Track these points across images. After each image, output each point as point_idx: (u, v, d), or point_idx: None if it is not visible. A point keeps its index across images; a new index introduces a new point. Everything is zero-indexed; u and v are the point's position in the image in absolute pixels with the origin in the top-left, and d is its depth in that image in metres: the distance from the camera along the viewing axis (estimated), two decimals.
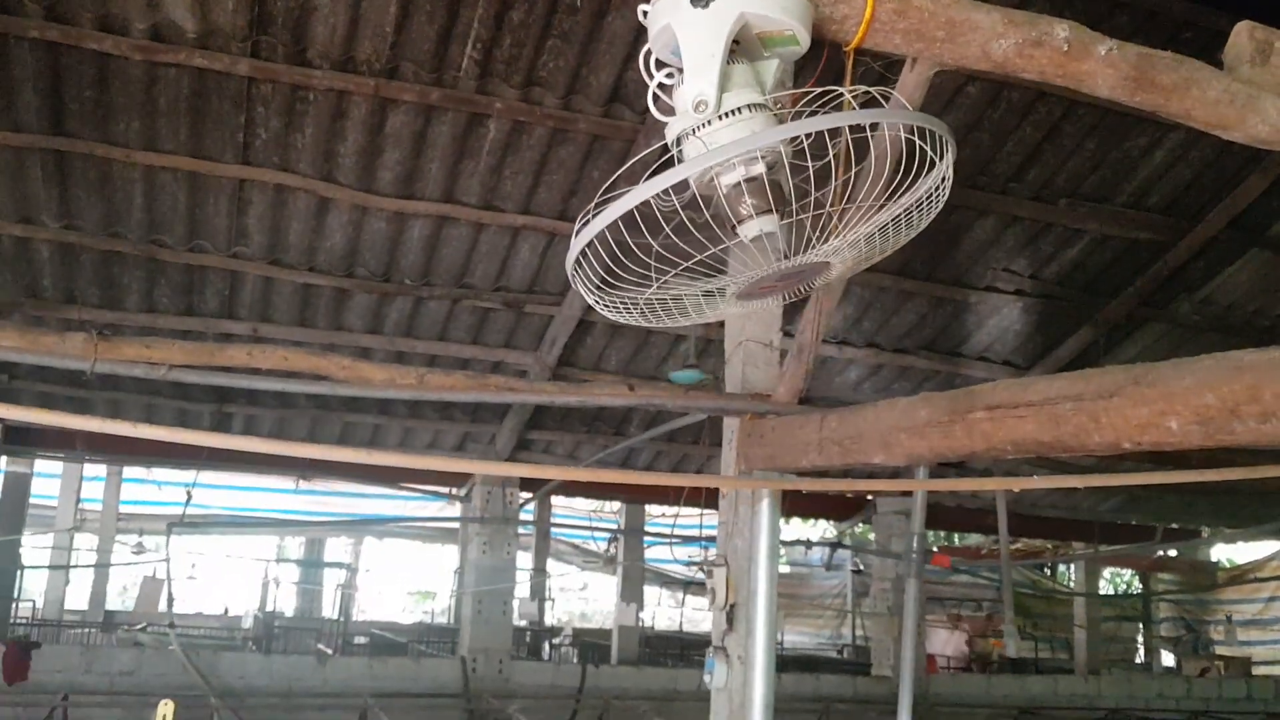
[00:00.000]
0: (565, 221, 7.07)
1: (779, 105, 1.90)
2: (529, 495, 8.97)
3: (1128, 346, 8.60)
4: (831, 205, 1.84)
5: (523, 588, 10.45)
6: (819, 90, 1.89)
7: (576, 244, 1.78)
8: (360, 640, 12.03)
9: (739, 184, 1.84)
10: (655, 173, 1.76)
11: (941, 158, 1.90)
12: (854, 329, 8.32)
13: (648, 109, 6.20)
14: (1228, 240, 7.67)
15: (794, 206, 1.84)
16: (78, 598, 13.89)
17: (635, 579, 10.33)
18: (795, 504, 10.33)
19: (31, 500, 11.57)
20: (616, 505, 11.14)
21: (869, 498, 10.14)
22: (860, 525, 11.82)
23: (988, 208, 7.30)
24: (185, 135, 6.34)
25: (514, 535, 8.79)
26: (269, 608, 11.12)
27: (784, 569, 15.85)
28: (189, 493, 8.00)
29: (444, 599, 16.85)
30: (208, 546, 14.95)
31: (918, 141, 1.89)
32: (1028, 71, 2.08)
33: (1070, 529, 11.76)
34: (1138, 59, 2.12)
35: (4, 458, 9.03)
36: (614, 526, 11.38)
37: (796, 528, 18.57)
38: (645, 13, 1.88)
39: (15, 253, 6.99)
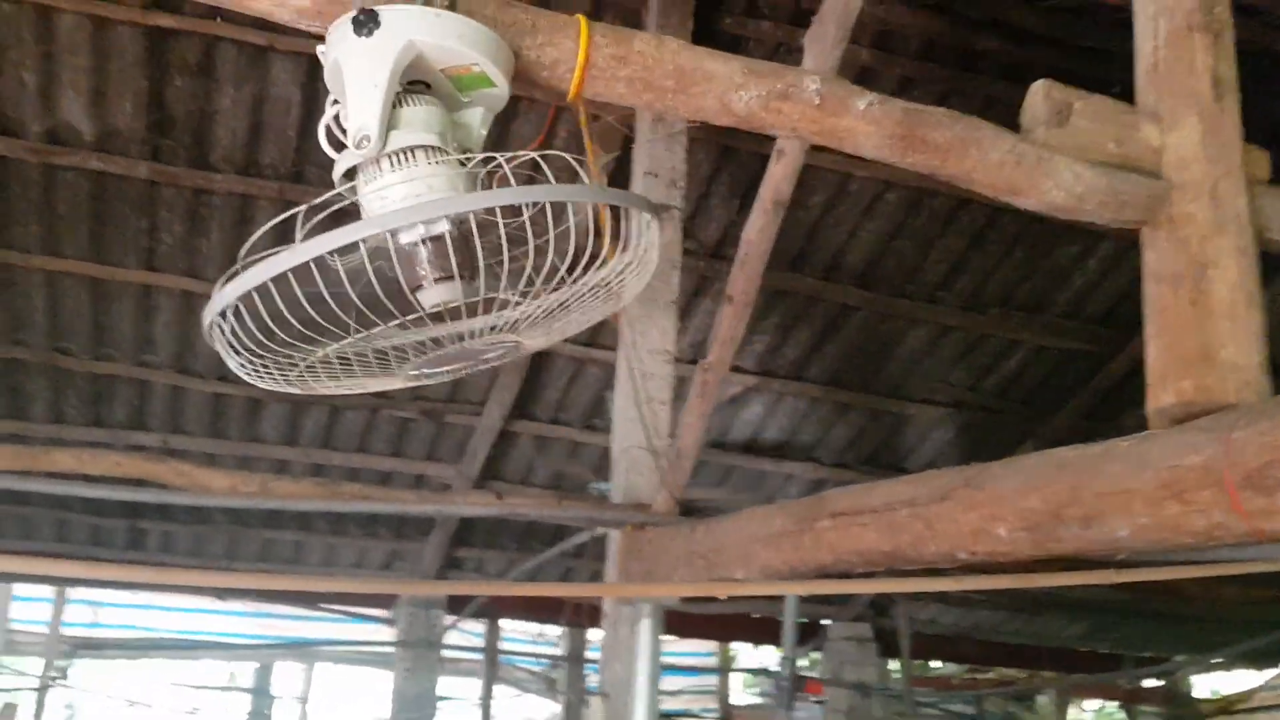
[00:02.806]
0: None
1: (471, 158, 1.69)
2: (453, 618, 8.57)
3: None
4: (520, 279, 1.61)
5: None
6: (524, 154, 1.68)
7: (212, 306, 1.54)
8: None
9: (417, 244, 1.62)
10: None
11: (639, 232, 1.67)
12: (790, 442, 8.06)
13: None
14: None
15: (472, 275, 1.61)
16: None
17: (575, 706, 9.84)
18: (739, 629, 9.92)
19: None
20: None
21: (822, 622, 9.75)
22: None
23: (917, 317, 7.13)
24: (87, 240, 6.19)
25: (436, 660, 8.37)
26: None
27: (756, 699, 15.21)
28: (94, 613, 7.60)
29: None
30: (153, 674, 14.40)
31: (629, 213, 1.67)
32: (778, 127, 1.89)
33: (1044, 657, 11.28)
34: (904, 115, 1.92)
35: None
36: (554, 651, 10.91)
37: (760, 656, 17.93)
38: (322, 52, 1.69)
39: None
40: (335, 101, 1.70)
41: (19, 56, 5.25)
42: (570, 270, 1.62)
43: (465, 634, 12.41)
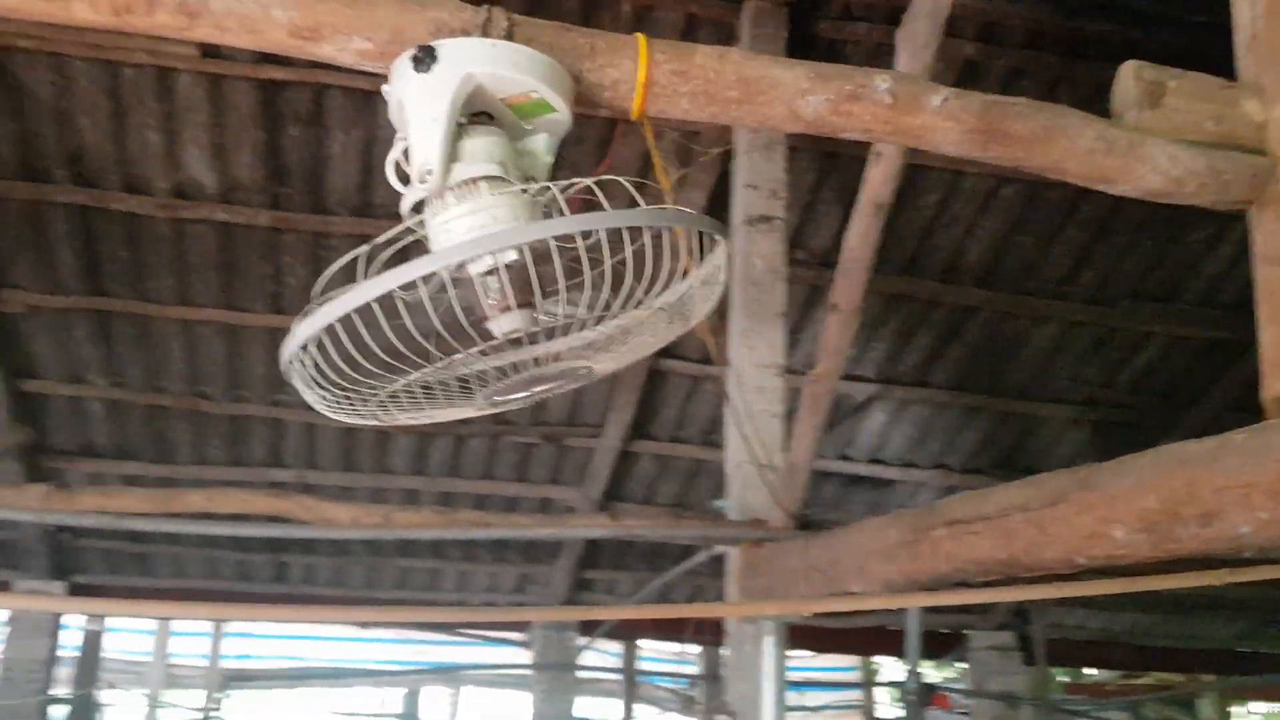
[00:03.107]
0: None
1: (542, 187, 1.70)
2: (585, 639, 8.62)
3: None
4: (587, 302, 1.61)
5: None
6: (582, 181, 1.68)
7: (289, 343, 1.59)
8: None
9: (487, 274, 1.64)
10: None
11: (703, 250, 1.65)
12: (918, 449, 7.88)
13: None
14: None
15: (540, 302, 1.62)
16: None
17: None
18: (877, 642, 9.69)
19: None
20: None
21: (963, 632, 9.48)
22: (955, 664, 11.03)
23: (1042, 314, 6.90)
24: (217, 288, 6.46)
25: (573, 681, 8.43)
26: None
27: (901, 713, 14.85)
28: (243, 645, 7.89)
29: None
30: (305, 702, 14.89)
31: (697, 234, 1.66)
32: (850, 130, 1.84)
33: (1202, 660, 10.74)
34: (982, 108, 1.86)
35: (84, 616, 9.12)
36: (692, 670, 10.87)
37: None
38: (387, 91, 1.73)
39: (69, 412, 7.16)
40: (402, 138, 1.73)
41: (143, 118, 5.53)
42: (635, 294, 1.61)
43: (604, 654, 12.53)
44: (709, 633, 5.55)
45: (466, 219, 1.62)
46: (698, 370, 6.90)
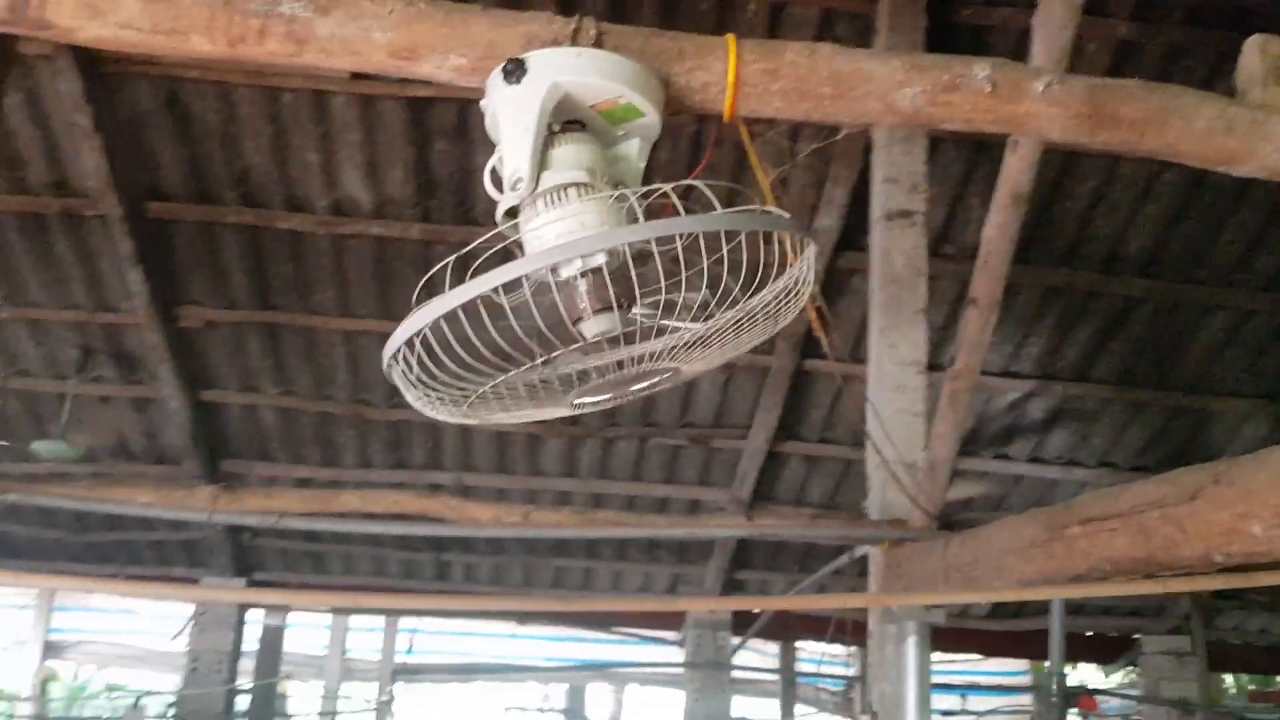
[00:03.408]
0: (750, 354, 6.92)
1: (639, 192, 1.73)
2: (737, 639, 8.61)
3: None
4: (677, 309, 1.64)
5: None
6: (662, 186, 1.71)
7: (390, 344, 1.68)
8: None
9: (577, 277, 1.68)
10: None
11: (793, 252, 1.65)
12: (1081, 448, 7.57)
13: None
14: None
15: (630, 304, 1.65)
16: None
17: None
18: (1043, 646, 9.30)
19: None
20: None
21: (1134, 637, 9.05)
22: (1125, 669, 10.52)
23: (1213, 303, 6.54)
24: (375, 299, 6.75)
25: (727, 681, 8.43)
26: None
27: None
28: (411, 641, 8.22)
29: None
30: (472, 697, 15.36)
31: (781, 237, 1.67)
32: (949, 121, 1.80)
33: None
34: (1089, 92, 1.79)
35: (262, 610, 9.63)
36: (848, 671, 10.69)
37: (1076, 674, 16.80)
38: (484, 105, 1.80)
39: (244, 420, 7.59)
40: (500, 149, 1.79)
41: (301, 140, 5.83)
42: (727, 296, 1.63)
43: (762, 655, 12.49)
44: (848, 633, 5.47)
45: (556, 225, 1.66)
46: (844, 370, 6.81)
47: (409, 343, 1.63)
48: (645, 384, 1.79)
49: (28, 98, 5.56)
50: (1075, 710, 6.48)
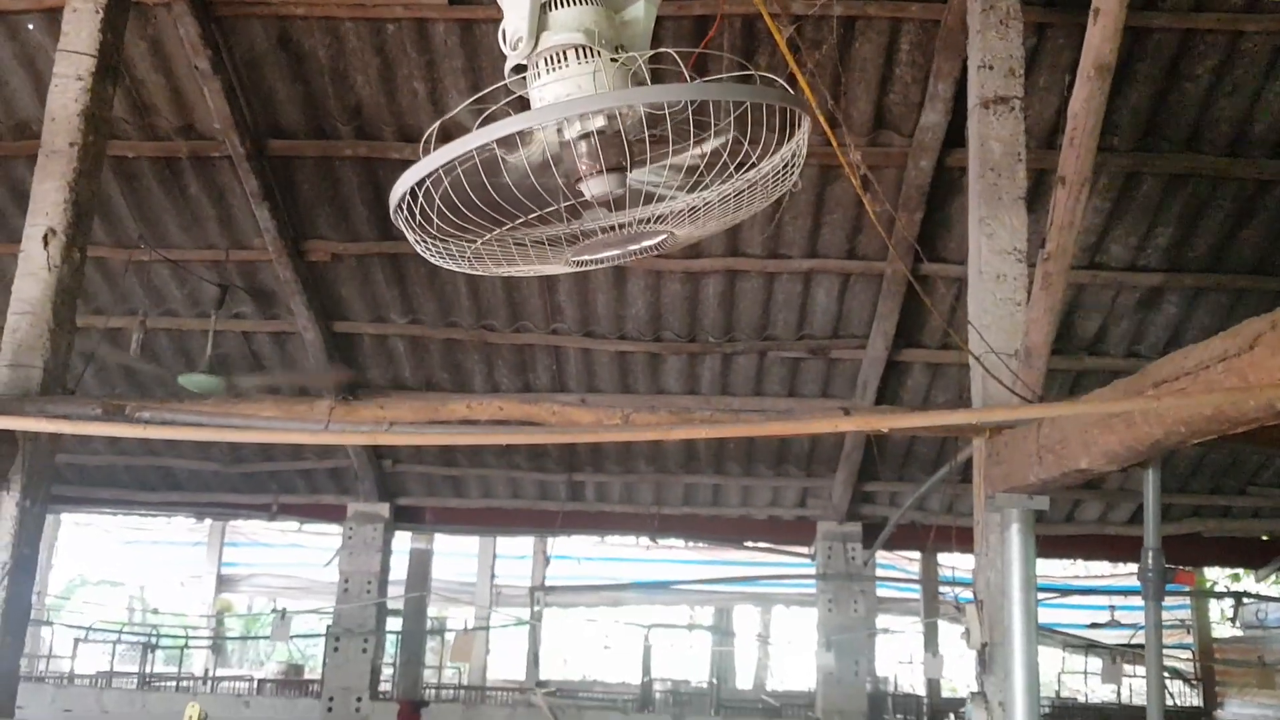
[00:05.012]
0: (855, 260, 6.86)
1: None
2: (867, 552, 8.59)
3: None
4: (677, 173, 1.70)
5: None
6: (665, 50, 1.76)
7: (398, 189, 1.80)
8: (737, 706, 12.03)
9: (579, 138, 1.75)
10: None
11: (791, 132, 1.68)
12: (1174, 345, 7.25)
13: (914, 130, 5.83)
14: None
15: (629, 164, 1.72)
16: (515, 667, 15.16)
17: None
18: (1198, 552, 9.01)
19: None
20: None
21: None
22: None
23: None
24: None
25: (859, 591, 8.45)
26: (650, 675, 11.43)
27: (1237, 632, 13.84)
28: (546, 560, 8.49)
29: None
30: (617, 616, 15.79)
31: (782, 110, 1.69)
32: None
33: None
34: None
35: (409, 534, 10.10)
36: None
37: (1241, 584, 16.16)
38: None
39: (375, 348, 7.93)
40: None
41: (408, 70, 6.00)
42: (722, 167, 1.67)
43: (906, 572, 12.48)
44: (951, 540, 5.43)
45: (554, 86, 1.74)
46: (959, 272, 6.67)
47: (412, 193, 1.73)
48: (639, 245, 1.85)
49: (151, 46, 5.88)
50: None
